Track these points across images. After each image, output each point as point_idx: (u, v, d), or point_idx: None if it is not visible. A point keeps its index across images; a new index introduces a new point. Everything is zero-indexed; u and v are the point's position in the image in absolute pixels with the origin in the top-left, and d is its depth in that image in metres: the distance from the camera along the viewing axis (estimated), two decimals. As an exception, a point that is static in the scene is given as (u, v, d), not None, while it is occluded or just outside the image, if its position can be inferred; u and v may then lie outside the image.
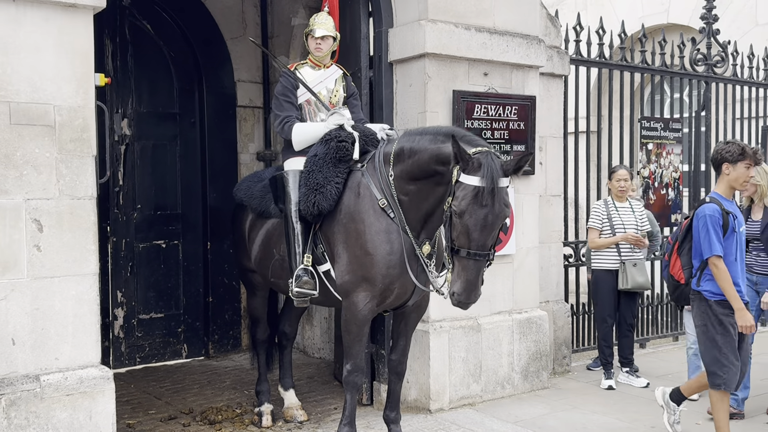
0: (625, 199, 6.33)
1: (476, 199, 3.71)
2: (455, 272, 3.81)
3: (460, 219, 3.75)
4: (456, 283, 3.81)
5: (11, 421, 3.75)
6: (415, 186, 4.15)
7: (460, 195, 3.75)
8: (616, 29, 7.52)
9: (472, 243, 3.75)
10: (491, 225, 3.76)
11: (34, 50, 3.88)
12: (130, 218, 6.81)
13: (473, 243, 3.75)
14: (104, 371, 4.07)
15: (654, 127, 7.52)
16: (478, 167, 3.73)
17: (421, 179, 4.12)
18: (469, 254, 3.75)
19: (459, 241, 3.78)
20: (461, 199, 3.74)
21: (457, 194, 3.77)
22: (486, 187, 3.71)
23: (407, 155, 4.17)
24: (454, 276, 3.82)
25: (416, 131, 4.31)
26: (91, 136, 4.04)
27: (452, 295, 3.83)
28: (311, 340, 7.39)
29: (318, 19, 4.95)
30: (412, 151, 4.15)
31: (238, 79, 7.40)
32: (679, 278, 4.77)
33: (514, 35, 5.79)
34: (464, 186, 3.75)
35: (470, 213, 3.72)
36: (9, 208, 3.81)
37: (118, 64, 6.70)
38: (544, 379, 6.09)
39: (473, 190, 3.72)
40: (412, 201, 4.18)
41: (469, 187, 3.73)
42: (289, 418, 5.28)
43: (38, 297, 3.89)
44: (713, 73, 8.23)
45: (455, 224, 3.78)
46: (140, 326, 6.89)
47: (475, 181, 3.72)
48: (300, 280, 4.44)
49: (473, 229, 3.74)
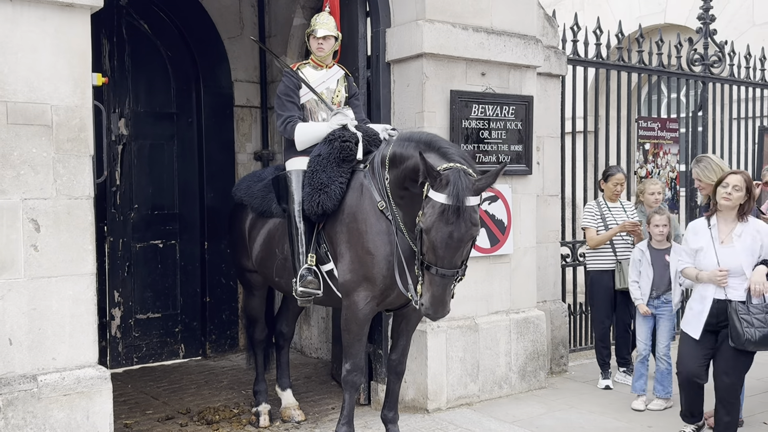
0: (616, 200, 6.35)
1: (442, 216, 3.72)
2: (424, 286, 3.86)
3: (427, 235, 3.77)
4: (424, 297, 3.86)
5: (8, 421, 3.75)
6: (406, 192, 4.16)
7: (428, 212, 3.76)
8: (613, 29, 7.53)
9: (439, 261, 3.78)
10: (457, 242, 3.76)
11: (32, 50, 3.87)
12: (127, 218, 6.80)
13: (440, 261, 3.78)
14: (101, 371, 4.06)
15: (651, 127, 7.53)
16: (445, 185, 3.73)
17: (408, 187, 4.12)
18: (437, 272, 3.78)
19: (427, 257, 3.81)
20: (428, 216, 3.75)
21: (425, 210, 3.78)
22: (452, 205, 3.70)
23: (398, 161, 4.17)
24: (423, 289, 3.87)
25: (407, 136, 4.29)
26: (88, 136, 4.04)
27: (421, 306, 3.89)
28: (309, 340, 7.39)
29: (319, 19, 4.95)
30: (402, 157, 4.14)
31: (236, 78, 7.39)
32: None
33: (511, 35, 5.80)
34: (432, 203, 3.76)
35: (436, 230, 3.73)
36: (6, 207, 3.81)
37: (115, 64, 6.69)
38: (542, 379, 6.10)
39: (440, 207, 3.72)
40: (407, 205, 4.19)
41: (437, 204, 3.73)
42: (287, 418, 5.28)
43: (35, 297, 3.88)
44: (710, 73, 8.25)
45: (424, 240, 3.81)
46: (137, 326, 6.88)
47: (442, 198, 3.72)
48: (304, 280, 4.44)
49: (439, 247, 3.75)
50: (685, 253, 4.69)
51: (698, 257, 4.56)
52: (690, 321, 4.62)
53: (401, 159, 4.15)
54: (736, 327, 4.37)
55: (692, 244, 4.58)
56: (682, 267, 4.67)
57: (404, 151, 4.14)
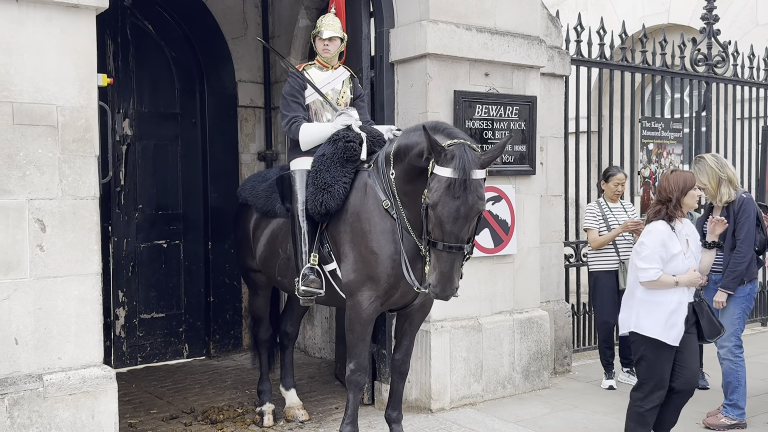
0: (617, 200, 6.35)
1: (449, 190, 3.72)
2: (431, 264, 3.85)
3: (433, 211, 3.77)
4: (432, 275, 3.84)
5: (14, 420, 3.77)
6: (412, 186, 4.15)
7: (433, 187, 3.77)
8: (616, 29, 7.53)
9: (446, 235, 3.77)
10: (464, 217, 3.76)
11: (37, 51, 3.89)
12: (131, 218, 6.82)
13: (446, 235, 3.77)
14: (107, 371, 4.08)
15: (655, 128, 7.53)
16: (451, 159, 3.74)
17: (414, 179, 4.12)
18: (444, 246, 3.77)
19: (434, 234, 3.81)
20: (434, 190, 3.76)
21: (431, 186, 3.79)
22: (458, 178, 3.71)
23: (403, 153, 4.18)
24: (430, 268, 3.86)
25: (411, 128, 4.32)
26: (93, 137, 4.05)
27: (428, 286, 3.87)
28: (312, 340, 7.40)
29: (325, 21, 4.96)
30: (407, 147, 4.15)
31: (240, 79, 7.41)
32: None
33: (515, 36, 5.80)
34: (438, 177, 3.77)
35: (443, 204, 3.74)
36: (12, 208, 3.82)
37: (120, 65, 6.71)
38: (545, 379, 6.10)
39: (446, 181, 3.73)
40: (412, 202, 4.18)
41: (442, 178, 3.74)
42: (291, 418, 5.29)
43: (41, 297, 3.90)
44: (714, 73, 8.24)
45: (430, 216, 3.81)
46: (142, 326, 6.90)
47: (448, 172, 3.73)
48: (307, 279, 4.46)
49: (446, 221, 3.75)
50: (659, 260, 4.19)
51: (673, 262, 4.22)
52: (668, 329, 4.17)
53: (406, 149, 4.16)
54: (713, 322, 4.35)
55: (672, 250, 4.23)
56: (657, 276, 4.16)
57: (408, 141, 4.15)
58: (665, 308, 4.18)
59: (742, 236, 5.10)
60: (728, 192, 5.15)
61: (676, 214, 4.26)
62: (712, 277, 5.32)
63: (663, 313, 4.18)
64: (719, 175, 5.15)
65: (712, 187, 5.19)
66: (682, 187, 4.26)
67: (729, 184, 5.17)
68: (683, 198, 4.26)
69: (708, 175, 5.16)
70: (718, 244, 4.99)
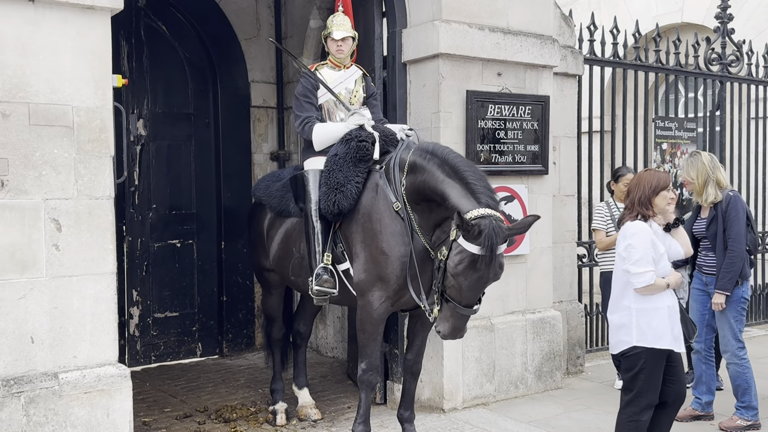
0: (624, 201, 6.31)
1: (473, 264, 3.75)
2: (443, 315, 3.92)
3: (454, 278, 3.81)
4: (444, 325, 3.92)
5: (30, 418, 3.80)
6: (422, 203, 4.21)
7: (456, 258, 3.77)
8: (630, 29, 7.50)
9: (463, 300, 3.86)
10: (483, 285, 3.86)
11: (53, 52, 3.92)
12: (145, 218, 6.86)
13: (464, 300, 3.86)
14: (121, 369, 4.11)
15: (668, 127, 7.49)
16: (478, 235, 3.72)
17: (425, 200, 4.18)
18: (458, 309, 3.86)
19: (450, 293, 3.86)
20: (458, 263, 3.77)
21: (453, 255, 3.79)
22: (486, 256, 3.73)
23: (418, 172, 4.19)
24: (441, 317, 3.93)
25: (429, 149, 4.25)
26: (108, 137, 4.08)
27: (438, 331, 3.96)
28: (324, 340, 7.42)
29: (336, 20, 4.96)
30: (422, 169, 4.16)
31: (252, 79, 7.44)
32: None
33: (527, 35, 5.79)
34: (462, 250, 3.76)
35: (465, 276, 3.78)
36: (28, 207, 3.86)
37: (134, 65, 6.76)
38: (558, 379, 6.09)
39: (470, 257, 3.74)
40: (423, 211, 4.24)
41: (467, 252, 3.74)
42: (303, 417, 5.31)
43: (57, 296, 3.93)
44: (728, 72, 8.19)
45: (448, 277, 3.84)
46: (155, 325, 6.94)
47: (475, 249, 3.73)
48: (320, 279, 4.47)
49: (466, 290, 3.82)
50: (652, 262, 3.98)
51: (661, 263, 4.05)
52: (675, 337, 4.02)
53: (421, 170, 4.17)
54: (688, 322, 4.20)
55: (660, 249, 4.07)
56: (653, 279, 3.94)
57: (426, 165, 4.15)
58: (663, 314, 3.98)
59: (733, 234, 5.01)
60: (714, 192, 5.09)
61: (648, 214, 4.09)
62: (704, 279, 5.24)
63: (664, 320, 3.97)
64: (708, 174, 5.09)
65: (698, 184, 5.12)
66: (654, 187, 4.08)
67: (716, 185, 5.10)
68: (654, 198, 4.08)
69: (698, 170, 5.10)
70: (681, 220, 4.64)
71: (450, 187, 3.97)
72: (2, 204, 3.79)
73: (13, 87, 3.81)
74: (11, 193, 3.81)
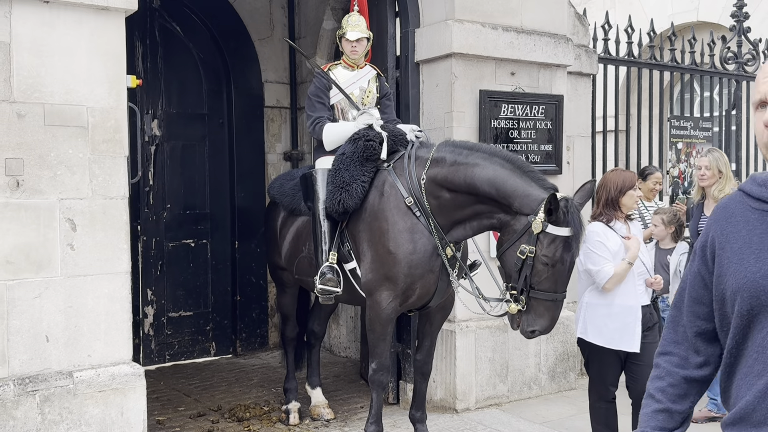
0: (653, 199, 6.29)
1: (567, 248, 3.81)
2: (535, 312, 3.90)
3: (552, 267, 3.82)
4: (540, 321, 3.90)
5: (45, 416, 3.83)
6: (447, 196, 4.17)
7: (551, 248, 3.80)
8: (644, 27, 7.45)
9: (559, 287, 3.88)
10: (572, 266, 3.92)
11: (68, 52, 3.95)
12: (160, 217, 6.90)
13: (560, 287, 3.88)
14: (136, 368, 4.13)
15: (684, 126, 7.44)
16: (565, 217, 3.79)
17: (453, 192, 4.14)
18: (557, 298, 3.88)
19: (544, 286, 3.86)
20: (554, 251, 3.80)
21: (545, 247, 3.81)
22: (576, 235, 3.81)
23: (450, 164, 4.17)
24: (533, 315, 3.90)
25: (460, 143, 4.33)
26: (123, 137, 4.10)
27: (532, 332, 3.94)
28: (338, 339, 7.43)
29: (350, 21, 4.95)
30: (456, 162, 4.15)
31: (266, 79, 7.46)
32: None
33: (541, 34, 5.77)
34: (555, 237, 3.80)
35: (562, 262, 3.83)
36: (43, 207, 3.89)
37: (148, 66, 6.79)
38: (572, 380, 6.06)
39: (564, 240, 3.80)
40: (443, 207, 4.20)
41: (560, 238, 3.80)
42: (316, 416, 5.31)
43: (71, 295, 3.96)
44: (744, 71, 8.12)
45: (540, 271, 3.84)
46: (170, 324, 6.97)
47: (566, 231, 3.79)
48: (324, 277, 4.47)
49: (562, 275, 3.86)
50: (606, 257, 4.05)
51: (617, 259, 4.07)
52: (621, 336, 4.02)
53: (454, 163, 4.15)
54: None
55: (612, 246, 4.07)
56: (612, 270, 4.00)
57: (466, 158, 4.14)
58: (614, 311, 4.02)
59: None
60: (731, 187, 5.10)
61: (615, 215, 4.10)
62: None
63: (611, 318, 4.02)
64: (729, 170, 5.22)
65: (725, 177, 5.16)
66: (621, 187, 4.09)
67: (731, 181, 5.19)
68: (621, 198, 4.09)
69: (726, 165, 5.18)
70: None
71: (511, 178, 3.96)
72: (18, 204, 3.82)
73: (28, 88, 3.85)
74: (26, 193, 3.84)
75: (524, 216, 3.87)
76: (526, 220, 3.86)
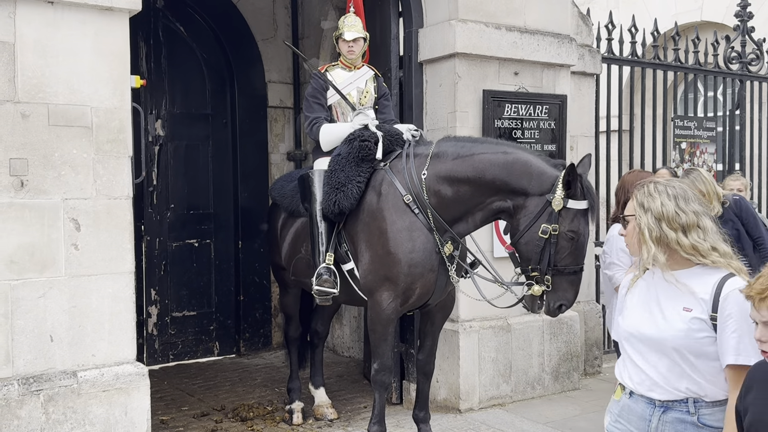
0: None
1: (586, 219, 3.91)
2: (561, 287, 3.94)
3: (575, 241, 3.89)
4: (565, 295, 3.95)
5: (49, 416, 3.84)
6: (450, 190, 4.16)
7: (574, 223, 3.87)
8: (648, 27, 7.44)
9: (579, 258, 3.95)
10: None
11: (72, 53, 3.95)
12: (163, 217, 6.91)
13: (579, 258, 3.96)
14: (139, 368, 4.14)
15: (687, 126, 7.43)
16: (582, 190, 3.88)
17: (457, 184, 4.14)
18: (578, 269, 3.96)
19: (566, 261, 3.92)
20: (577, 226, 3.88)
21: (567, 223, 3.87)
22: (594, 205, 3.92)
23: (452, 157, 4.19)
24: (559, 292, 3.94)
25: (462, 137, 4.40)
26: (127, 137, 4.11)
27: (559, 307, 3.98)
28: (341, 339, 7.43)
29: (347, 21, 4.97)
30: (460, 154, 4.17)
31: (269, 80, 7.46)
32: None
33: (545, 34, 5.77)
34: (576, 212, 3.87)
35: (584, 234, 3.92)
36: (47, 207, 3.90)
37: (152, 66, 6.80)
38: (575, 380, 6.05)
39: (583, 213, 3.89)
40: (447, 202, 4.19)
41: (579, 210, 3.87)
42: (320, 416, 5.32)
43: (76, 295, 3.97)
44: (748, 71, 8.11)
45: (563, 247, 3.89)
46: (173, 324, 6.98)
47: (583, 204, 3.87)
48: (320, 278, 4.48)
49: (582, 248, 3.95)
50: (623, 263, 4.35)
51: None
52: None
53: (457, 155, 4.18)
54: None
55: None
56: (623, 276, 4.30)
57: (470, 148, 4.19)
58: None
59: (761, 232, 5.08)
60: (718, 206, 4.99)
61: None
62: None
63: None
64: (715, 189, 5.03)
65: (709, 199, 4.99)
66: None
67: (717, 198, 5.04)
68: None
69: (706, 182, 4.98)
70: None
71: (524, 157, 4.04)
72: (22, 204, 3.83)
73: (32, 88, 3.85)
74: (31, 193, 3.85)
75: (537, 196, 3.92)
76: (542, 200, 3.90)
